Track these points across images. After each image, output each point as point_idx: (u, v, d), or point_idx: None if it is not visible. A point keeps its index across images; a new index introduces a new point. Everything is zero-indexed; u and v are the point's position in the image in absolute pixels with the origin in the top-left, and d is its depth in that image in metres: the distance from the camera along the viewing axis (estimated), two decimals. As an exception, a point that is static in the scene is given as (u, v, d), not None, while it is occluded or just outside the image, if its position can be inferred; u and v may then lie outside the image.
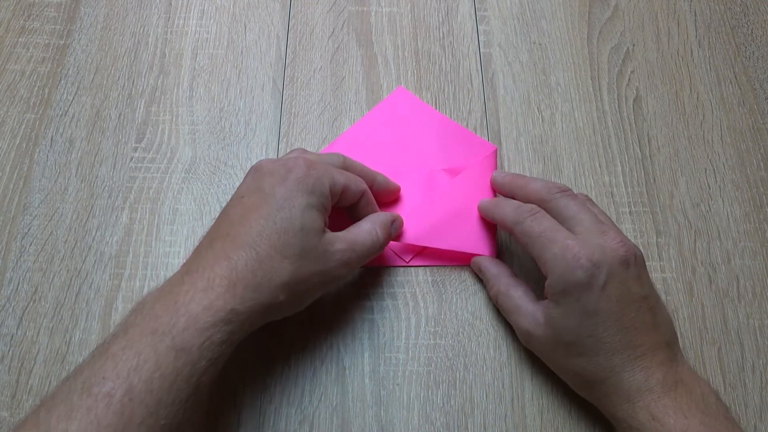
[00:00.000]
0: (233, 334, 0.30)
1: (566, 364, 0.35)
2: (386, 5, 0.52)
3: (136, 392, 0.27)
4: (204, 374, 0.29)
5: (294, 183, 0.34)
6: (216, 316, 0.29)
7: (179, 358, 0.28)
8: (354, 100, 0.48)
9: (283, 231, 0.32)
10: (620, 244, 0.34)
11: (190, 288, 0.30)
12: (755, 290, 0.42)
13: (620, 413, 0.33)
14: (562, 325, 0.34)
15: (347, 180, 0.37)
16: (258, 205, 0.33)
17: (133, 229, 0.43)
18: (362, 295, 0.41)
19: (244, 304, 0.30)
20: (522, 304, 0.37)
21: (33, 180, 0.44)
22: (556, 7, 0.52)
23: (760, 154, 0.47)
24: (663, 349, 0.33)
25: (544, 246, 0.34)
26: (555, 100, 0.48)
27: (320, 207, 0.34)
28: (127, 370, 0.27)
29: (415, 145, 0.46)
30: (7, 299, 0.40)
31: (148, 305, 0.30)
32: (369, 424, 0.37)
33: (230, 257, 0.31)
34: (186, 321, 0.29)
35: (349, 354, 0.39)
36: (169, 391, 0.28)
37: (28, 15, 0.50)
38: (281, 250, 0.32)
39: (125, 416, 0.26)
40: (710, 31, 0.52)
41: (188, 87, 0.48)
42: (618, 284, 0.33)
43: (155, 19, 0.51)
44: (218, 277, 0.30)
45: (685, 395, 0.32)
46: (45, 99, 0.47)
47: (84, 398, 0.27)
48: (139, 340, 0.28)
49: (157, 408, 0.27)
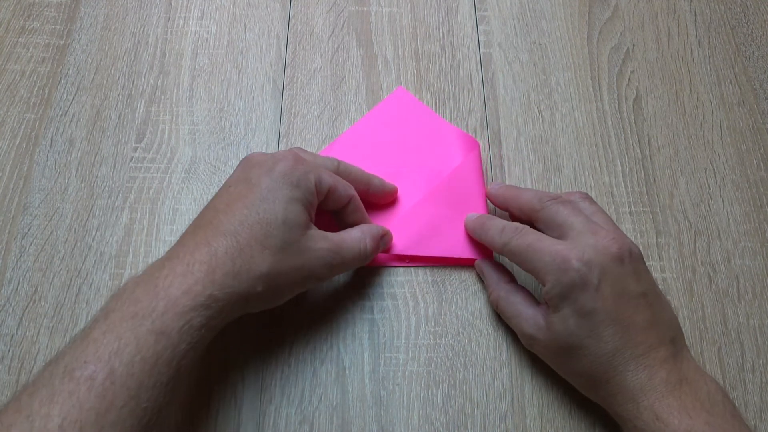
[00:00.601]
0: (212, 319, 0.30)
1: (570, 367, 0.35)
2: (386, 5, 0.52)
3: (117, 375, 0.27)
4: (184, 357, 0.29)
5: (280, 175, 0.34)
6: (195, 300, 0.30)
7: (159, 341, 0.28)
8: (354, 100, 0.48)
9: (265, 222, 0.33)
10: (612, 242, 0.34)
11: (170, 273, 0.30)
12: (755, 290, 0.42)
13: (625, 413, 0.33)
14: (561, 328, 0.34)
15: (335, 181, 0.37)
16: (243, 195, 0.34)
17: (133, 229, 0.43)
18: (362, 295, 0.41)
19: (223, 290, 0.31)
20: (523, 310, 0.37)
21: (33, 180, 0.44)
22: (556, 7, 0.52)
23: (760, 154, 0.47)
24: (666, 345, 0.33)
25: (533, 258, 0.35)
26: (555, 100, 0.48)
27: (305, 202, 0.35)
28: (108, 353, 0.27)
29: (414, 146, 0.46)
30: (7, 299, 0.40)
31: (129, 290, 0.30)
32: (369, 424, 0.37)
33: (210, 244, 0.31)
34: (165, 305, 0.29)
35: (349, 354, 0.39)
36: (150, 374, 0.28)
37: (28, 15, 0.50)
38: (262, 241, 0.32)
39: (107, 399, 0.26)
40: (710, 31, 0.52)
41: (188, 87, 0.48)
42: (613, 282, 0.33)
43: (155, 19, 0.51)
44: (197, 262, 0.31)
45: (690, 394, 0.32)
46: (45, 99, 0.47)
47: (66, 382, 0.27)
48: (119, 324, 0.28)
49: (138, 391, 0.27)
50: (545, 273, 0.34)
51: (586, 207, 0.37)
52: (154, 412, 0.28)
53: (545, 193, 0.38)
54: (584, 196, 0.38)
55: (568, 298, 0.33)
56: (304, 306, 0.40)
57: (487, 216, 0.40)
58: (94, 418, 0.26)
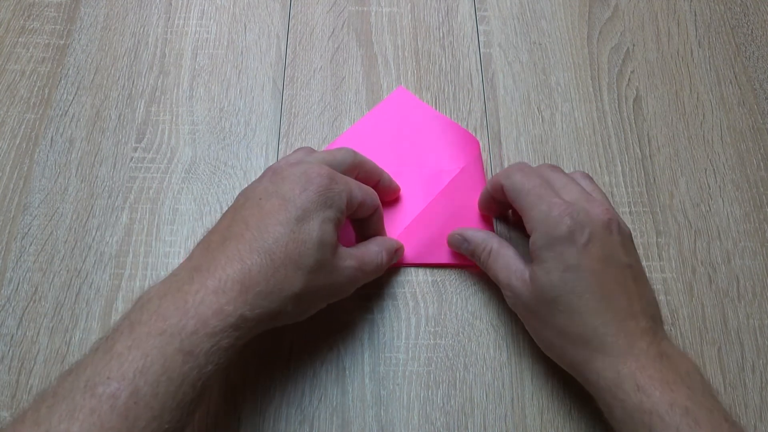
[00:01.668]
0: (239, 339, 0.30)
1: (549, 324, 0.34)
2: (386, 5, 0.52)
3: (141, 395, 0.26)
4: (209, 378, 0.29)
5: (315, 195, 0.33)
6: (226, 321, 0.29)
7: (186, 362, 0.28)
8: (354, 100, 0.48)
9: (300, 241, 0.32)
10: (605, 211, 0.34)
11: (201, 288, 0.29)
12: (755, 290, 0.42)
13: (604, 382, 0.32)
14: (544, 281, 0.34)
15: (364, 196, 0.37)
16: (276, 211, 0.33)
17: (133, 229, 0.43)
18: (362, 295, 0.41)
19: (253, 311, 0.30)
20: (512, 263, 0.37)
21: (33, 180, 0.44)
22: (556, 7, 0.52)
23: (760, 154, 0.47)
24: (647, 318, 0.33)
25: (532, 203, 0.35)
26: (555, 100, 0.48)
27: (336, 221, 0.34)
28: (133, 371, 0.27)
29: (415, 146, 0.46)
30: (7, 299, 0.40)
31: (154, 302, 0.29)
32: (369, 424, 0.37)
33: (244, 260, 0.31)
34: (195, 324, 0.28)
35: (349, 354, 0.39)
36: (174, 395, 0.27)
37: (28, 15, 0.50)
38: (296, 260, 0.32)
39: (129, 419, 0.26)
40: (710, 31, 0.52)
41: (188, 87, 0.48)
42: (600, 246, 0.33)
43: (155, 19, 0.51)
44: (230, 280, 0.30)
45: (671, 369, 0.31)
46: (45, 99, 0.47)
47: (87, 398, 0.26)
48: (146, 340, 0.28)
49: (162, 412, 0.27)
50: (537, 221, 0.34)
51: (586, 185, 0.38)
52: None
53: (546, 164, 0.39)
54: (584, 175, 0.39)
55: (553, 249, 0.33)
56: (304, 306, 0.40)
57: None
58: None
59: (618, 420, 0.31)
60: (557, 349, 0.35)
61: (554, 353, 0.36)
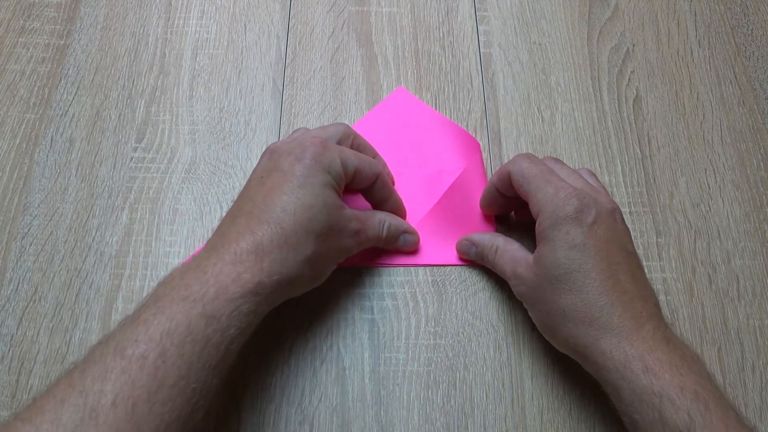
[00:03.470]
0: (259, 305, 0.31)
1: (554, 306, 0.34)
2: (386, 5, 0.52)
3: (169, 355, 0.28)
4: (232, 342, 0.30)
5: (311, 161, 0.35)
6: (245, 288, 0.31)
7: (209, 325, 0.29)
8: (354, 100, 0.48)
9: (308, 206, 0.33)
10: (610, 202, 0.35)
11: (218, 261, 0.31)
12: (755, 290, 0.42)
13: (611, 363, 0.31)
14: (550, 259, 0.34)
15: (360, 162, 0.37)
16: (278, 183, 0.34)
17: (133, 229, 0.43)
18: (362, 295, 0.41)
19: (271, 278, 0.32)
20: (518, 255, 0.37)
21: (33, 180, 0.44)
22: (556, 7, 0.52)
23: (760, 154, 0.47)
24: (651, 304, 0.33)
25: (539, 186, 0.35)
26: (555, 100, 0.48)
27: (336, 186, 0.36)
28: (159, 333, 0.28)
29: (415, 146, 0.46)
30: (7, 299, 0.40)
31: (177, 277, 0.31)
32: (369, 424, 0.37)
33: (255, 232, 0.32)
34: (216, 291, 0.30)
35: (349, 354, 0.39)
36: (200, 356, 0.29)
37: (28, 15, 0.50)
38: (306, 225, 0.33)
39: (158, 378, 0.27)
40: (710, 31, 0.52)
41: (188, 87, 0.48)
42: (606, 228, 0.34)
43: (155, 19, 0.51)
44: (244, 252, 0.31)
45: (677, 354, 0.31)
46: (45, 99, 0.47)
47: (117, 360, 0.27)
48: (170, 306, 0.29)
49: (189, 372, 0.28)
50: (544, 203, 0.35)
51: (591, 180, 0.38)
52: (203, 394, 0.29)
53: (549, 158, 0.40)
54: (589, 172, 0.39)
55: (559, 229, 0.34)
56: (304, 306, 0.40)
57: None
58: (146, 396, 0.27)
59: (626, 402, 0.31)
60: (563, 333, 0.34)
61: (559, 339, 0.35)
